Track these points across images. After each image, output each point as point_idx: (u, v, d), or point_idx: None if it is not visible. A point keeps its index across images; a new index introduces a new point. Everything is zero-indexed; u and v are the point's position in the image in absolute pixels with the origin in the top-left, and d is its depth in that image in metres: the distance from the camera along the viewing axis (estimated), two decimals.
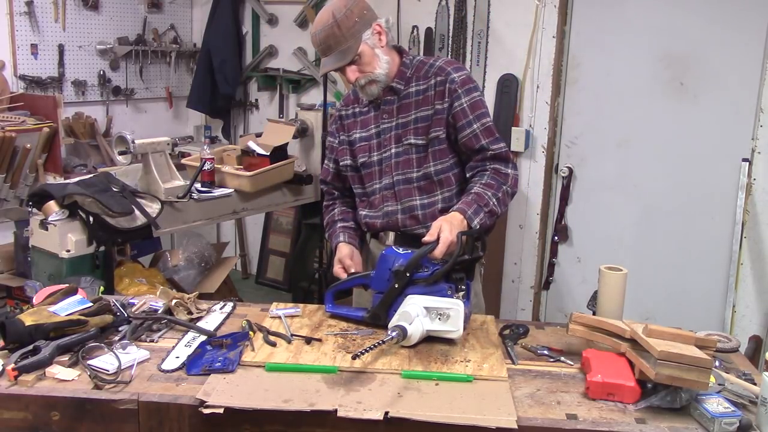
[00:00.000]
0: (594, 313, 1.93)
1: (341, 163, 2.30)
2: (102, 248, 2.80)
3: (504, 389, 1.60)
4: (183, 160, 3.58)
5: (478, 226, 1.97)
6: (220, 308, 2.04)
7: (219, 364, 1.66)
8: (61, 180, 3.45)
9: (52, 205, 2.72)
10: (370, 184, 2.23)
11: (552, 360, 1.78)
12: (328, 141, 2.39)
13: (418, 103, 2.15)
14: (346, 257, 2.16)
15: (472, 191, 2.07)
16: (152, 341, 1.81)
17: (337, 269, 2.14)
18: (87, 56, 4.42)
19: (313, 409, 1.48)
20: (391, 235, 2.23)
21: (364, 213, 2.26)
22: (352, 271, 2.11)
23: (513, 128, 3.72)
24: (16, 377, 1.57)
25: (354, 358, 1.60)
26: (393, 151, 2.17)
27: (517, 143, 3.70)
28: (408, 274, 1.84)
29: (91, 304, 1.85)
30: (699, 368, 1.50)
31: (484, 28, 3.77)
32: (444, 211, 2.11)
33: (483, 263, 2.31)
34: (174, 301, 1.96)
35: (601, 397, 1.57)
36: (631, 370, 1.60)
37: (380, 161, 2.20)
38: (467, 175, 2.16)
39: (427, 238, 1.89)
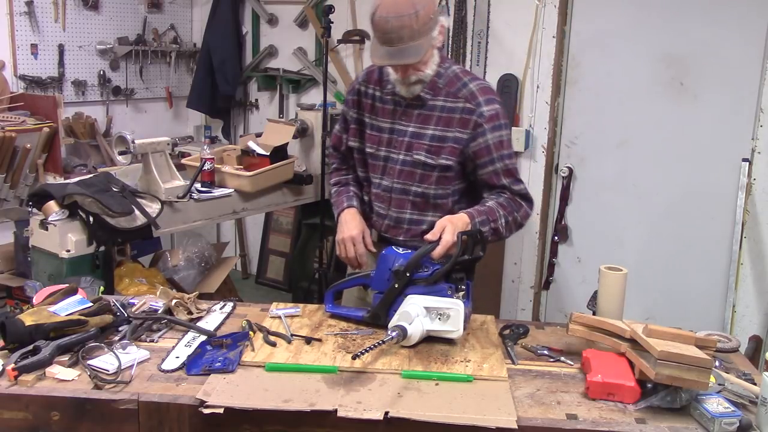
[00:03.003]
0: (594, 313, 1.93)
1: (349, 143, 2.23)
2: (102, 248, 2.80)
3: (504, 389, 1.60)
4: (183, 160, 3.57)
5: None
6: (220, 308, 2.04)
7: (219, 364, 1.66)
8: (61, 180, 3.44)
9: (52, 205, 2.72)
10: (373, 176, 2.19)
11: (552, 360, 1.78)
12: (343, 109, 2.27)
13: (439, 119, 2.05)
14: (361, 234, 2.13)
15: (487, 204, 2.03)
16: (152, 341, 1.81)
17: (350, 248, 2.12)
18: (87, 56, 4.41)
19: (313, 409, 1.48)
20: (374, 233, 2.22)
21: (367, 199, 2.24)
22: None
23: (513, 128, 3.71)
24: (16, 377, 1.57)
25: (354, 358, 1.60)
26: (401, 157, 2.11)
27: (517, 143, 3.69)
28: (408, 274, 1.84)
29: (91, 304, 1.85)
30: (699, 368, 1.50)
31: (484, 28, 3.77)
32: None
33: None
34: (174, 301, 1.96)
35: (601, 397, 1.57)
36: (631, 370, 1.60)
37: (386, 158, 2.14)
38: (483, 195, 2.10)
39: (428, 237, 1.89)
